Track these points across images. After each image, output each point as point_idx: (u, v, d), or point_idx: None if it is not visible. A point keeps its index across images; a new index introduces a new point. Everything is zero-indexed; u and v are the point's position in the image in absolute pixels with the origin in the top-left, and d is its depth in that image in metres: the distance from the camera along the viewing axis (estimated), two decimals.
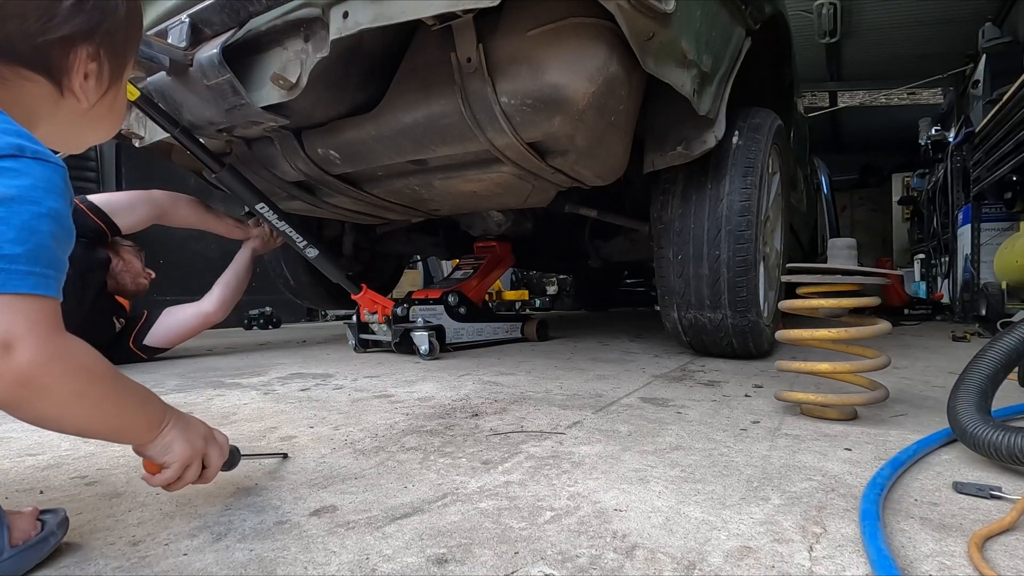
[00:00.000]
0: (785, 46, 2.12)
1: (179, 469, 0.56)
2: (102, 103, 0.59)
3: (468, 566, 0.49)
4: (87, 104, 0.57)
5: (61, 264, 0.46)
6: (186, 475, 0.57)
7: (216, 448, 0.61)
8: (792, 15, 2.43)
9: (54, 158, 0.47)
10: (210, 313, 1.99)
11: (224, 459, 0.62)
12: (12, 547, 0.47)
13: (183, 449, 0.56)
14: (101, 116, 0.61)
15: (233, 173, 1.65)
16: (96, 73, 0.57)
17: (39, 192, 0.45)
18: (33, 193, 0.44)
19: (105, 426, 0.51)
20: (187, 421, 0.58)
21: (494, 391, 1.25)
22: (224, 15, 1.28)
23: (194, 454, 0.57)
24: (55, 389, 0.44)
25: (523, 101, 1.24)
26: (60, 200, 0.47)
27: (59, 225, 0.46)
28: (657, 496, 0.64)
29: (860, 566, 0.48)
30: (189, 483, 0.58)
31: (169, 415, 0.56)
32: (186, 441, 0.57)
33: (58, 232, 0.46)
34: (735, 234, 1.52)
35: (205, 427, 0.61)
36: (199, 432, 0.59)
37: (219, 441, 0.62)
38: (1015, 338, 0.83)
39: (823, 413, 0.98)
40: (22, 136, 0.46)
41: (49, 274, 0.44)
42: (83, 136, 0.62)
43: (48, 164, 0.47)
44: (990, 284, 2.91)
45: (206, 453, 0.59)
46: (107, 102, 0.60)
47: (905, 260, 6.32)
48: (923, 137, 4.88)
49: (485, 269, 2.27)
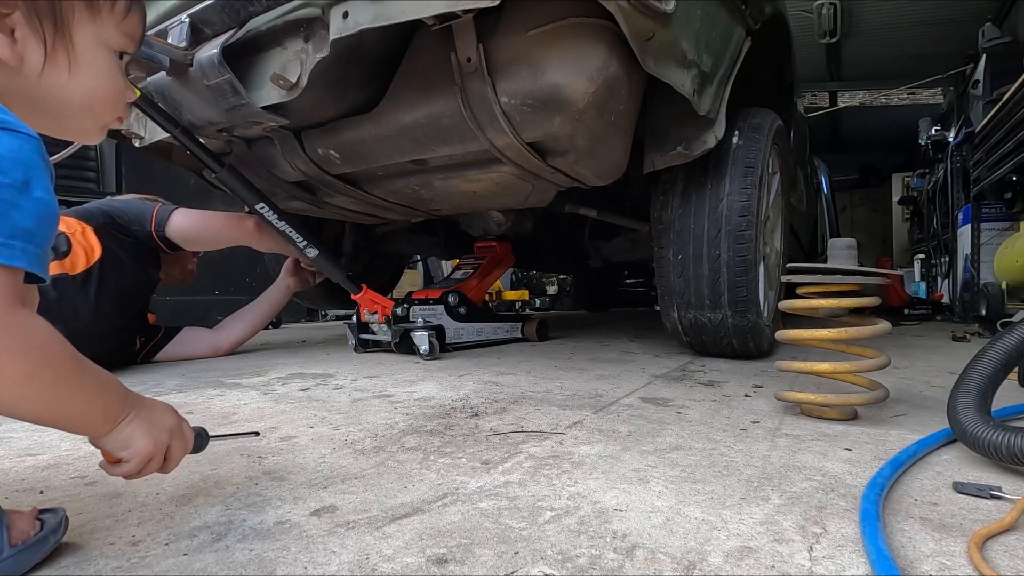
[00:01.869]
0: (785, 46, 2.12)
1: (140, 464, 0.53)
2: (53, 67, 0.52)
3: (468, 566, 0.49)
4: (27, 68, 0.50)
5: (32, 237, 0.43)
6: (147, 468, 0.54)
7: (181, 441, 0.57)
8: (792, 15, 2.43)
9: (27, 129, 0.44)
10: (223, 350, 2.04)
11: (187, 451, 0.59)
12: (11, 547, 0.47)
13: (143, 445, 0.52)
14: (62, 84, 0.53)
15: (233, 173, 1.65)
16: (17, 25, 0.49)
17: (6, 163, 0.42)
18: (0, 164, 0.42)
19: (60, 414, 0.48)
20: (151, 413, 0.54)
21: (494, 391, 1.25)
22: (224, 15, 1.28)
23: (156, 449, 0.54)
24: (4, 368, 0.42)
25: (523, 101, 1.24)
26: (34, 172, 0.44)
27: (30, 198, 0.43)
28: (657, 496, 0.64)
29: (860, 566, 0.48)
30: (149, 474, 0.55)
31: (130, 407, 0.52)
32: (147, 435, 0.53)
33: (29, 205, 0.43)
34: (735, 234, 1.52)
35: (173, 418, 0.57)
36: (163, 426, 0.55)
37: (185, 433, 0.58)
38: (1015, 338, 0.83)
39: (823, 413, 0.98)
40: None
41: (14, 245, 0.41)
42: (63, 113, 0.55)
43: (19, 135, 0.43)
44: (990, 284, 2.91)
45: (169, 446, 0.55)
46: (61, 65, 0.52)
47: (905, 260, 6.32)
48: (923, 137, 4.88)
49: (485, 269, 2.27)
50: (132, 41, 0.59)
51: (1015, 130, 2.73)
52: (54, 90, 0.53)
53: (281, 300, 2.18)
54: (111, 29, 0.56)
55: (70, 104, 0.54)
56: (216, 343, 2.02)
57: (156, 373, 1.64)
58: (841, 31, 5.05)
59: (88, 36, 0.54)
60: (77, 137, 0.60)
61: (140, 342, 1.88)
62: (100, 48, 0.55)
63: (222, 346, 2.03)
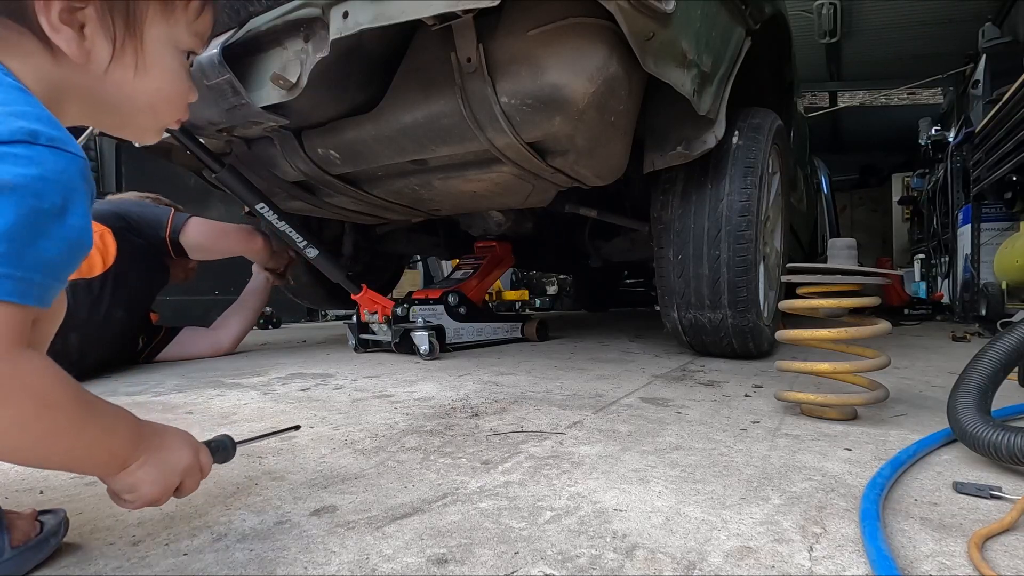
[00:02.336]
0: (785, 46, 2.12)
1: (143, 506, 0.51)
2: (120, 65, 0.50)
3: (468, 566, 0.49)
4: (94, 65, 0.49)
5: (54, 270, 0.41)
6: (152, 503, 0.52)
7: (195, 478, 0.54)
8: (792, 15, 2.43)
9: (75, 148, 0.42)
10: (225, 348, 2.05)
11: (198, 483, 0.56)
12: (12, 548, 0.47)
13: (149, 492, 0.50)
14: (128, 82, 0.51)
15: (233, 173, 1.65)
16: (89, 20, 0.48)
17: (47, 185, 0.39)
18: (38, 185, 0.39)
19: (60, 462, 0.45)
20: (165, 455, 0.51)
21: (494, 391, 1.25)
22: (224, 15, 1.28)
23: (163, 495, 0.51)
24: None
25: (523, 101, 1.24)
26: (73, 195, 0.41)
27: (63, 225, 0.40)
28: (657, 496, 0.64)
29: (860, 566, 0.48)
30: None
31: (141, 451, 0.49)
32: (155, 484, 0.50)
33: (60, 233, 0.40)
34: (735, 234, 1.52)
35: (188, 457, 0.52)
36: (176, 469, 0.51)
37: (203, 464, 0.55)
38: (1015, 338, 0.83)
39: (823, 413, 0.98)
40: (42, 120, 0.41)
41: (32, 279, 0.39)
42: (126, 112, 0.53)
43: (65, 154, 0.41)
44: (990, 284, 2.91)
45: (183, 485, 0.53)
46: (127, 63, 0.51)
47: (905, 260, 6.32)
48: (923, 137, 4.88)
49: (485, 269, 2.27)
50: (201, 41, 0.58)
51: (1015, 130, 2.73)
52: (120, 88, 0.51)
53: (264, 291, 2.20)
54: (183, 29, 0.55)
55: (134, 103, 0.53)
56: (217, 342, 2.03)
57: (157, 373, 1.64)
58: (841, 31, 5.05)
59: (159, 36, 0.53)
60: (136, 135, 0.58)
61: (143, 342, 1.88)
62: (169, 48, 0.54)
63: (223, 344, 2.04)
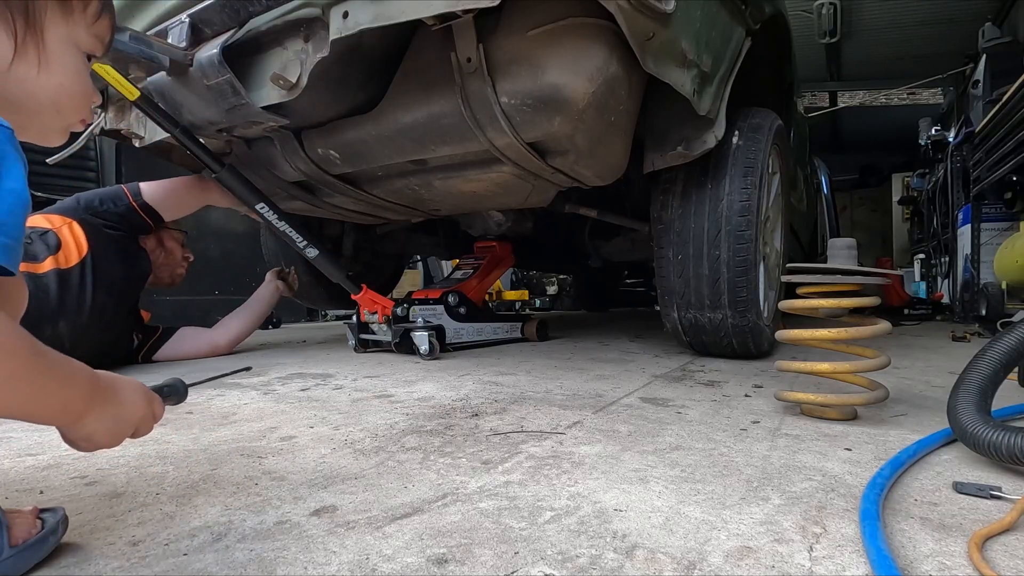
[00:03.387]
0: (785, 46, 2.12)
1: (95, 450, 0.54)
2: (22, 62, 0.52)
3: (468, 566, 0.49)
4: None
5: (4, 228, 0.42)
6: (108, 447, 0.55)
7: (148, 424, 0.57)
8: (792, 15, 2.43)
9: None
10: (222, 348, 2.05)
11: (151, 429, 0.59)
12: (12, 547, 0.47)
13: (103, 439, 0.53)
14: (31, 79, 0.53)
15: (233, 173, 1.65)
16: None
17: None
18: None
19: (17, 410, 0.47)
20: (117, 409, 0.54)
21: (494, 391, 1.25)
22: (224, 15, 1.28)
23: (117, 440, 0.54)
24: None
25: (523, 101, 1.24)
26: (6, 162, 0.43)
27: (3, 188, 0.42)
28: (657, 496, 0.64)
29: (860, 566, 0.48)
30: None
31: (97, 403, 0.51)
32: (108, 433, 0.53)
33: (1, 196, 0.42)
34: (735, 234, 1.52)
35: (140, 407, 0.56)
36: (129, 420, 0.55)
37: (156, 413, 0.58)
38: (1015, 338, 0.83)
39: (823, 413, 0.98)
40: None
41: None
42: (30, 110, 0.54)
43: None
44: (990, 284, 2.91)
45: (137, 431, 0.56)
46: (30, 61, 0.52)
47: (905, 260, 6.32)
48: (923, 137, 4.89)
49: (485, 269, 2.27)
50: (101, 44, 0.60)
51: (1015, 130, 2.74)
52: (23, 84, 0.53)
53: (272, 300, 2.23)
54: (82, 30, 0.57)
55: (37, 99, 0.54)
56: (214, 342, 2.03)
57: (155, 373, 1.64)
58: (841, 31, 5.05)
59: (59, 34, 0.55)
60: (38, 137, 0.59)
61: (137, 339, 1.88)
62: (70, 47, 0.56)
63: (220, 344, 2.04)
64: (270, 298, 2.21)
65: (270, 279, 2.25)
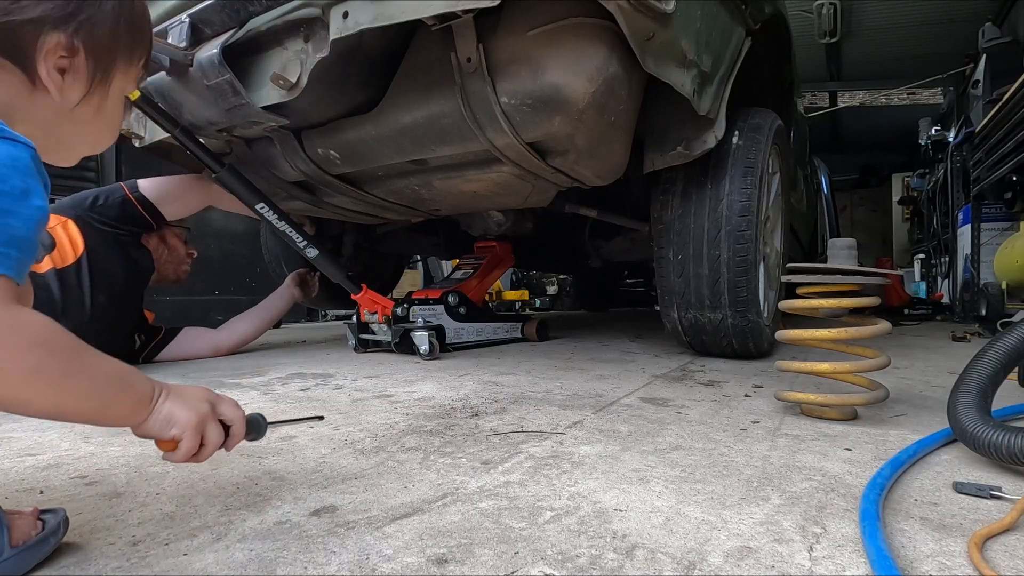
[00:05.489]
0: (785, 46, 2.12)
1: (193, 436, 0.53)
2: (86, 105, 0.57)
3: (468, 566, 0.49)
4: (64, 102, 0.55)
5: (23, 244, 0.44)
6: (207, 441, 0.54)
7: (228, 406, 0.57)
8: (792, 15, 2.43)
9: (21, 139, 0.46)
10: (224, 350, 2.05)
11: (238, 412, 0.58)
12: (12, 547, 0.47)
13: (187, 416, 0.53)
14: (86, 121, 0.58)
15: (233, 173, 1.65)
16: (74, 68, 0.54)
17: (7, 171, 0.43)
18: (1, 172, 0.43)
19: (80, 406, 0.47)
20: (182, 390, 0.54)
21: (494, 391, 1.25)
22: (224, 15, 1.28)
23: (202, 418, 0.54)
24: (10, 368, 0.42)
25: (523, 101, 1.24)
26: (28, 180, 0.44)
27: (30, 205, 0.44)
28: (657, 496, 0.64)
29: (860, 566, 0.48)
30: (216, 448, 0.55)
31: (159, 387, 0.53)
32: (187, 408, 0.53)
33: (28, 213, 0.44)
34: (735, 234, 1.52)
35: (204, 390, 0.57)
36: (199, 396, 0.55)
37: (226, 400, 0.58)
38: (1015, 338, 0.83)
39: (823, 413, 0.98)
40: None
41: (8, 254, 0.42)
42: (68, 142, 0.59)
43: (14, 143, 0.45)
44: (990, 284, 2.91)
45: (219, 413, 0.56)
46: (92, 105, 0.57)
47: (905, 260, 6.33)
48: (923, 137, 4.89)
49: (485, 269, 2.27)
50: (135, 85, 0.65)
51: (1015, 130, 2.74)
52: (77, 125, 0.58)
53: (285, 307, 2.23)
54: (131, 80, 0.62)
55: (83, 138, 0.60)
56: (217, 343, 2.03)
57: (156, 373, 1.64)
58: (841, 31, 5.05)
59: (119, 88, 0.60)
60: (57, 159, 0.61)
61: (140, 340, 1.87)
62: (121, 96, 0.61)
63: (223, 346, 2.04)
64: (283, 305, 2.21)
65: (288, 285, 2.24)
